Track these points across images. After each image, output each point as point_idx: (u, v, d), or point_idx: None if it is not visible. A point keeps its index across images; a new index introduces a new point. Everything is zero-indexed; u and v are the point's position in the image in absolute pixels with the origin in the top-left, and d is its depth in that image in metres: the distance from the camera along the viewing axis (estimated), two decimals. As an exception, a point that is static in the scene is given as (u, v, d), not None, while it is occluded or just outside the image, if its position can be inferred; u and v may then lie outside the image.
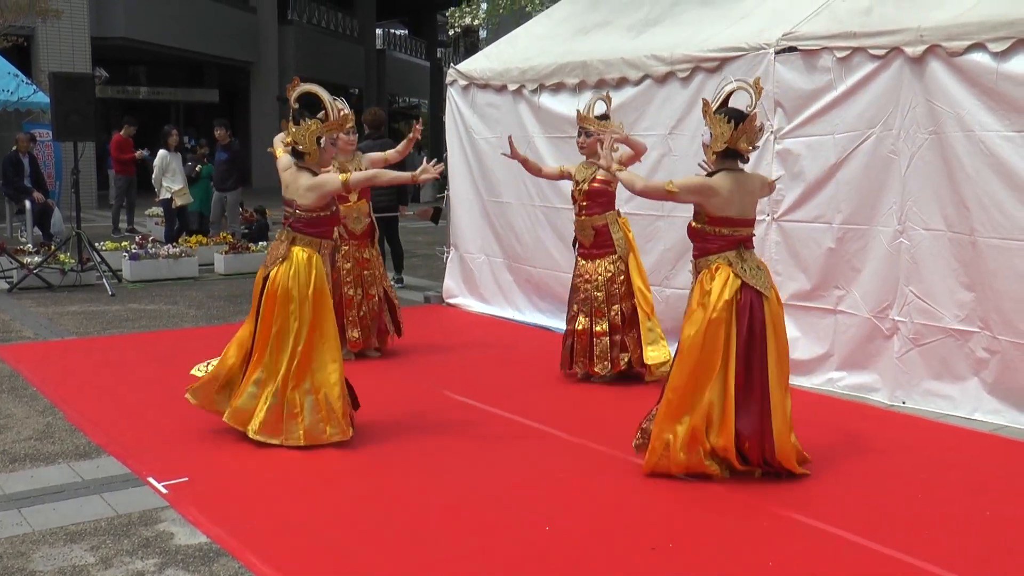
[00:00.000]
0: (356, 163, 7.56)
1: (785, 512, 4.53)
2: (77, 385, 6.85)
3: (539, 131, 8.79)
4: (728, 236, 4.92)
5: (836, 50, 6.50)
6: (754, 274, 4.89)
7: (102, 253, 11.49)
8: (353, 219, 7.57)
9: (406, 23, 47.10)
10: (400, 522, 4.44)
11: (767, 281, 4.94)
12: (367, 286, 7.63)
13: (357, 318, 7.57)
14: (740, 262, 4.90)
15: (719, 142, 4.87)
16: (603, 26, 9.00)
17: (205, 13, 27.40)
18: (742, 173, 4.99)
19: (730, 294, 4.80)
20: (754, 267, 4.93)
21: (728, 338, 4.79)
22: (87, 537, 4.28)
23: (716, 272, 4.88)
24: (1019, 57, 5.68)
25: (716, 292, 4.82)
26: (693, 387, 4.82)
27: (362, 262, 7.63)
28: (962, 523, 4.44)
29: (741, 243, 4.96)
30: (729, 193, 4.88)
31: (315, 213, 5.52)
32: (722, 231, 4.92)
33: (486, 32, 22.98)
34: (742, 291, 4.83)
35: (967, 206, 5.95)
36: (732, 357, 4.80)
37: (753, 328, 4.82)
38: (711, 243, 4.95)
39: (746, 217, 4.98)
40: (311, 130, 5.48)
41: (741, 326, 4.80)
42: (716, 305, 4.79)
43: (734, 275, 4.85)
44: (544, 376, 7.16)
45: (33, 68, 20.18)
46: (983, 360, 5.97)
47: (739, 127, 4.82)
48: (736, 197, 4.90)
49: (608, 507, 4.63)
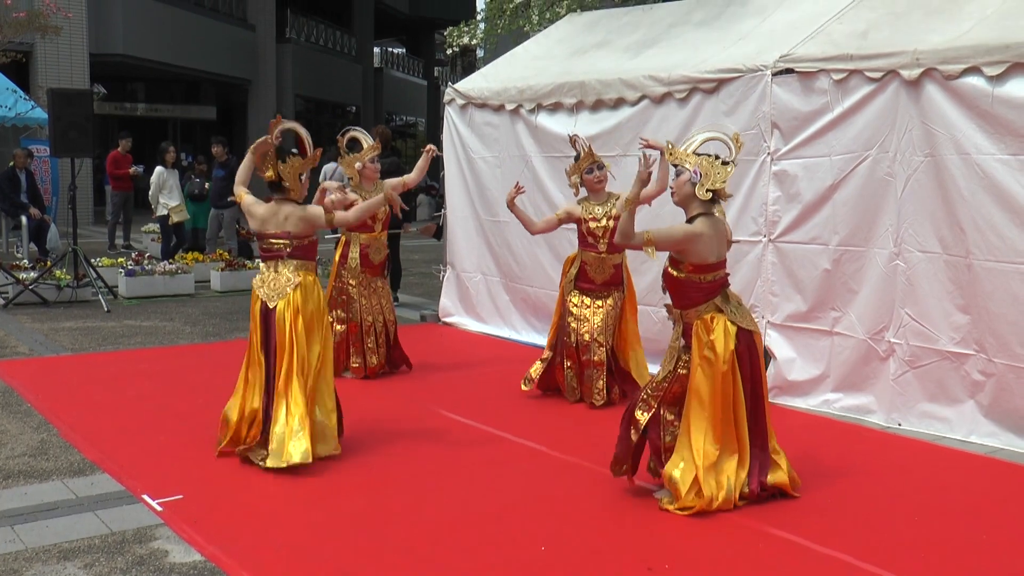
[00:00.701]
0: (378, 191, 7.56)
1: (781, 533, 4.52)
2: (72, 401, 6.83)
3: (536, 151, 8.82)
4: (711, 283, 4.89)
5: (833, 72, 6.53)
6: (741, 313, 4.92)
7: (98, 269, 11.49)
8: (375, 250, 7.66)
9: (404, 42, 47.28)
10: (395, 541, 4.42)
11: (749, 315, 5.00)
12: (386, 312, 7.73)
13: (376, 345, 7.64)
14: (727, 305, 4.89)
15: (716, 182, 4.80)
16: (601, 46, 9.05)
17: (203, 31, 27.48)
18: (714, 217, 4.92)
19: (733, 343, 4.81)
20: (737, 305, 4.95)
21: (736, 386, 4.83)
22: (81, 555, 4.26)
23: (712, 323, 4.84)
24: (1014, 81, 5.72)
25: (721, 344, 4.79)
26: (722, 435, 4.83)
27: (377, 291, 7.73)
28: (958, 546, 4.43)
29: (722, 286, 4.95)
30: (709, 238, 4.84)
31: (307, 240, 5.68)
32: (705, 278, 4.87)
33: (484, 51, 23.06)
34: (739, 336, 4.84)
35: (963, 228, 5.97)
36: (742, 404, 4.84)
37: (753, 367, 4.88)
38: (697, 292, 4.89)
39: (722, 259, 4.96)
40: (295, 167, 5.65)
41: (744, 371, 4.84)
42: (724, 358, 4.78)
43: (729, 323, 4.84)
44: (540, 395, 7.15)
45: (31, 84, 20.21)
46: (979, 383, 5.98)
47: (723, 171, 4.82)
48: (714, 241, 4.87)
49: (604, 527, 4.62)
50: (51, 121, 11.20)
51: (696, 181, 4.81)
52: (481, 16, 17.47)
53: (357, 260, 7.61)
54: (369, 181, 7.65)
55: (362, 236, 7.62)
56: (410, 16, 41.44)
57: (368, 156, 7.61)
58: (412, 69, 46.89)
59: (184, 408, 6.53)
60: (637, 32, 8.93)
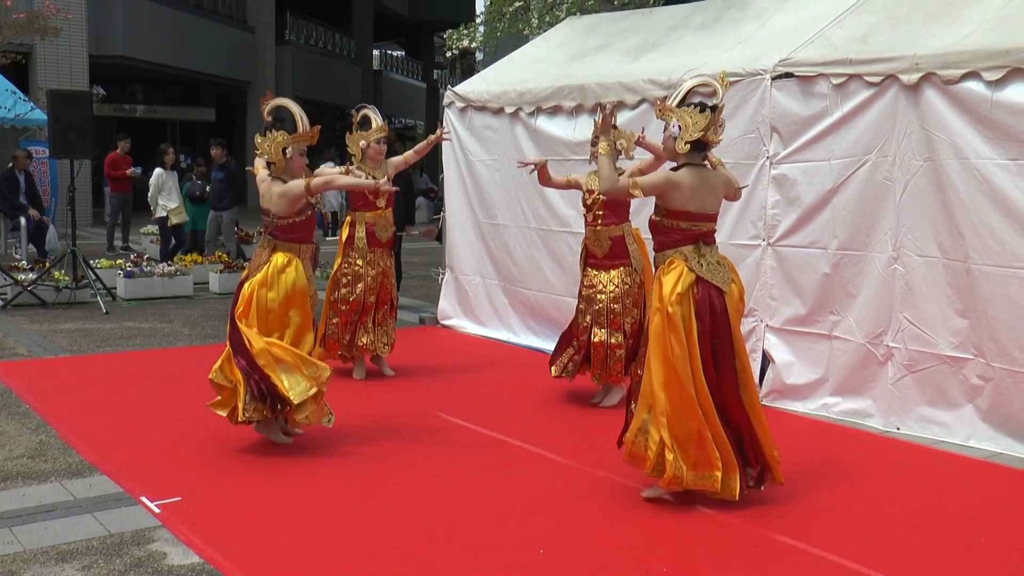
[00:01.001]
0: (383, 170, 7.64)
1: (779, 537, 4.52)
2: (70, 403, 6.83)
3: (535, 154, 8.79)
4: (686, 230, 4.89)
5: (832, 76, 6.54)
6: (713, 269, 4.85)
7: (97, 271, 11.48)
8: (381, 227, 7.65)
9: (403, 44, 47.31)
10: (394, 544, 4.42)
11: (727, 276, 4.89)
12: (384, 293, 7.71)
13: (372, 324, 7.64)
14: (697, 256, 4.86)
15: (693, 132, 4.80)
16: (600, 50, 9.05)
17: (203, 32, 27.50)
18: (705, 169, 4.96)
19: (683, 287, 4.76)
20: (714, 262, 4.89)
21: (689, 332, 4.75)
22: (79, 556, 4.26)
23: (671, 267, 4.85)
24: (1013, 86, 5.72)
25: (669, 286, 4.78)
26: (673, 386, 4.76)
27: (386, 271, 7.70)
28: (957, 550, 4.43)
29: (700, 238, 4.91)
30: (691, 188, 4.84)
31: (290, 219, 5.69)
32: (680, 224, 4.88)
33: (483, 55, 23.07)
34: (698, 285, 4.80)
35: (961, 233, 5.98)
36: (697, 358, 4.75)
37: (716, 322, 4.79)
38: (669, 237, 4.92)
39: (706, 212, 4.93)
40: (277, 141, 5.66)
41: (703, 320, 4.77)
42: (669, 299, 4.75)
43: (688, 269, 4.81)
44: (539, 398, 7.15)
45: (31, 85, 20.21)
46: (977, 387, 5.98)
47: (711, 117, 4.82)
48: (698, 192, 4.87)
49: (602, 530, 4.62)
50: (50, 122, 11.19)
51: (676, 135, 4.87)
52: (481, 19, 17.48)
53: (364, 239, 7.60)
54: (373, 161, 7.66)
55: (367, 215, 7.61)
56: (409, 19, 41.47)
57: (375, 136, 7.63)
58: (411, 72, 46.92)
59: (183, 410, 6.52)
60: (637, 36, 8.94)
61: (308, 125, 5.77)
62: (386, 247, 7.73)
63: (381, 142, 7.67)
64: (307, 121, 5.78)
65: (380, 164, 7.70)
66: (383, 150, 7.70)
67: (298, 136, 5.71)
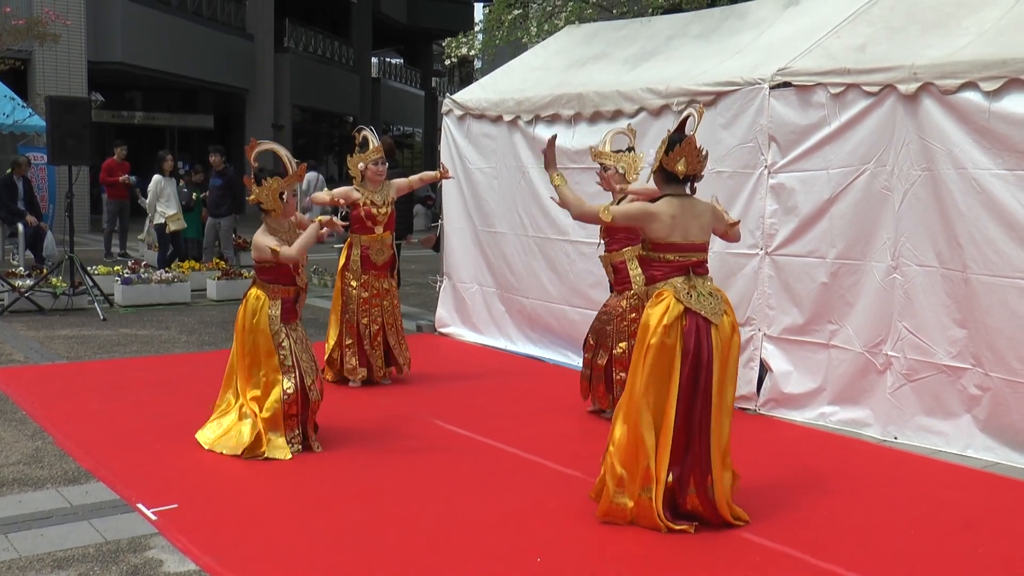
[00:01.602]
0: (385, 192, 7.67)
1: (776, 546, 4.51)
2: (67, 410, 6.81)
3: (533, 162, 8.82)
4: (674, 262, 4.83)
5: (830, 86, 6.55)
6: (703, 301, 4.76)
7: (94, 277, 11.47)
8: (376, 251, 7.67)
9: (401, 52, 47.37)
10: (391, 551, 4.41)
11: (719, 308, 4.77)
12: (385, 315, 7.71)
13: (370, 349, 7.65)
14: (687, 287, 4.79)
15: (655, 161, 4.84)
16: (599, 59, 9.07)
17: (201, 39, 27.53)
18: (688, 198, 4.89)
19: (670, 320, 4.69)
20: (705, 294, 4.80)
21: (672, 367, 4.68)
22: (75, 564, 4.24)
23: (659, 299, 4.81)
24: (1011, 96, 5.74)
25: (655, 318, 4.74)
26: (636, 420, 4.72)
27: (380, 292, 7.71)
28: (954, 559, 4.42)
29: (690, 268, 4.84)
30: (671, 218, 4.78)
31: (264, 264, 5.92)
32: (667, 256, 4.83)
33: (481, 63, 23.10)
34: (686, 317, 4.72)
35: (960, 243, 5.98)
36: (673, 392, 4.67)
37: (700, 356, 4.70)
38: (656, 270, 4.87)
39: (692, 242, 4.83)
40: (273, 188, 5.79)
41: (687, 354, 4.68)
42: (656, 330, 4.71)
43: (676, 300, 4.75)
44: (536, 406, 7.15)
45: (29, 92, 20.22)
46: (976, 397, 5.98)
47: (675, 148, 4.76)
48: (680, 222, 4.80)
49: (599, 539, 4.61)
50: (49, 129, 11.19)
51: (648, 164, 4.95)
52: (479, 27, 17.51)
53: (359, 262, 7.63)
54: (373, 183, 7.66)
55: (363, 237, 7.64)
56: (408, 26, 41.52)
57: (371, 159, 7.63)
58: (410, 79, 46.96)
59: (179, 417, 6.51)
60: (635, 44, 8.95)
61: (295, 165, 5.88)
62: (382, 270, 7.72)
63: (379, 163, 7.66)
64: (294, 162, 5.90)
65: (382, 186, 7.70)
66: (382, 171, 7.70)
67: (289, 179, 5.84)
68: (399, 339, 7.83)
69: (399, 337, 7.83)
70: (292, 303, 6.00)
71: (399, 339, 7.83)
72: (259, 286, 5.97)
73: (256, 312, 5.91)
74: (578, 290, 8.47)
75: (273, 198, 5.79)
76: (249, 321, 5.93)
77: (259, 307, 5.91)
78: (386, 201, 7.67)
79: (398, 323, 7.84)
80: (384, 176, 7.73)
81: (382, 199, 7.64)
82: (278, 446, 5.74)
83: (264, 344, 5.88)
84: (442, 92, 42.16)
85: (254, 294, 5.97)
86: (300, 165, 5.87)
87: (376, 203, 7.62)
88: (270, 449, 5.72)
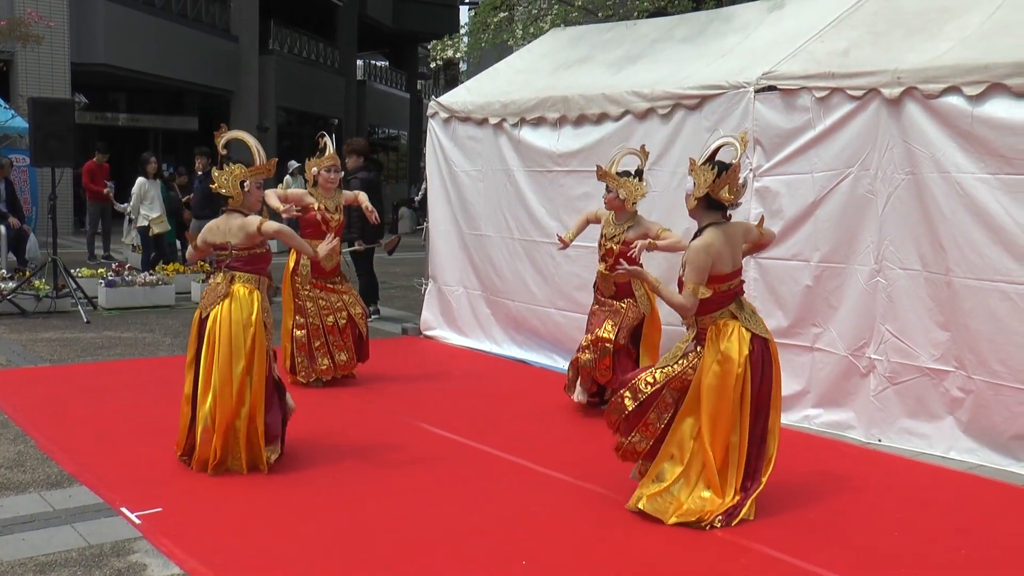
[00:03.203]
0: (336, 200, 7.77)
1: (763, 548, 4.52)
2: (50, 413, 6.77)
3: (519, 165, 8.83)
4: (725, 292, 4.92)
5: (815, 90, 6.58)
6: (755, 321, 4.95)
7: (78, 279, 11.41)
8: (326, 257, 7.61)
9: (387, 55, 47.27)
10: (376, 555, 4.40)
11: (763, 323, 5.01)
12: (349, 308, 7.72)
13: (342, 341, 7.65)
14: (741, 313, 4.93)
15: (701, 188, 4.85)
16: (584, 62, 9.08)
17: (186, 41, 27.40)
18: (727, 224, 4.97)
19: (747, 348, 4.84)
20: (751, 313, 4.99)
21: (744, 393, 4.84)
22: (57, 568, 4.22)
23: (725, 328, 4.88)
24: (993, 101, 5.77)
25: (736, 349, 4.82)
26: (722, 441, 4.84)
27: (336, 291, 7.73)
28: (937, 561, 4.45)
29: (737, 295, 4.99)
30: (721, 251, 4.86)
31: (250, 251, 5.65)
32: (720, 288, 4.89)
33: (467, 65, 23.10)
34: (753, 342, 4.87)
35: (943, 246, 6.02)
36: (747, 411, 4.86)
37: (764, 375, 4.89)
38: (711, 302, 4.90)
39: (737, 268, 4.99)
40: (235, 175, 5.63)
41: (755, 377, 4.85)
42: (739, 361, 4.80)
43: (744, 328, 4.87)
44: (521, 409, 7.15)
45: (12, 93, 20.09)
46: (958, 399, 6.02)
47: (722, 176, 4.81)
48: (727, 251, 4.89)
49: (585, 542, 4.61)
50: (32, 130, 11.13)
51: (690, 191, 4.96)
52: (465, 30, 17.51)
53: (308, 267, 7.63)
54: (325, 189, 7.73)
55: (315, 243, 7.62)
56: (394, 29, 41.44)
57: (324, 165, 7.68)
58: (395, 82, 46.86)
59: (163, 421, 6.46)
60: (620, 48, 8.97)
61: (265, 157, 5.76)
62: (330, 275, 7.73)
63: (331, 171, 7.72)
64: (264, 153, 5.78)
65: (333, 193, 7.77)
66: (334, 179, 7.75)
67: (256, 169, 5.68)
68: (361, 336, 7.82)
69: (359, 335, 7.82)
70: (271, 291, 5.87)
71: (361, 336, 7.82)
72: (246, 280, 5.61)
73: (253, 319, 5.52)
74: (564, 293, 8.48)
75: (233, 184, 5.59)
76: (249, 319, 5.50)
77: (257, 302, 5.57)
78: (338, 208, 7.74)
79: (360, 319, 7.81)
80: (336, 184, 7.77)
81: (334, 205, 7.72)
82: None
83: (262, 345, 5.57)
84: (427, 95, 42.07)
85: (244, 290, 5.58)
86: (270, 160, 5.78)
87: (329, 209, 7.69)
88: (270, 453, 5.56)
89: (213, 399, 5.46)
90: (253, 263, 5.67)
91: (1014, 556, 4.54)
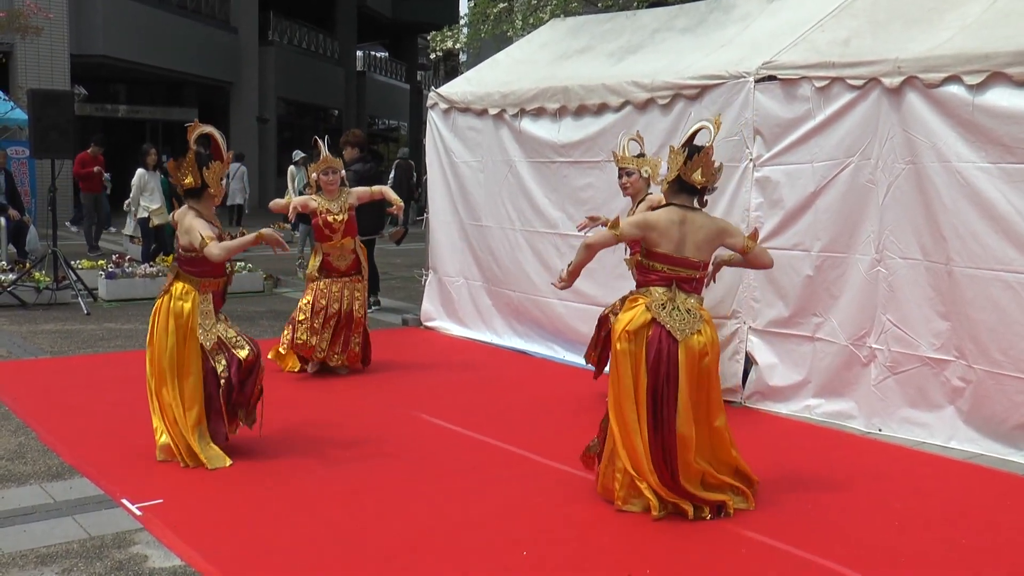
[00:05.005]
0: (343, 200, 7.77)
1: (762, 539, 4.53)
2: (50, 405, 6.78)
3: (520, 155, 8.82)
4: (661, 272, 4.82)
5: (815, 79, 6.56)
6: (675, 316, 4.73)
7: (78, 271, 11.41)
8: (337, 256, 7.77)
9: (386, 45, 47.22)
10: (375, 546, 4.41)
11: (691, 326, 4.74)
12: (353, 302, 7.74)
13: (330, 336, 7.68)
14: (665, 299, 4.77)
15: (672, 171, 4.83)
16: (584, 52, 9.06)
17: (185, 32, 27.38)
18: (693, 211, 4.85)
19: (635, 327, 4.74)
20: (683, 310, 4.76)
21: (638, 374, 4.74)
22: (59, 560, 4.22)
23: (632, 304, 4.86)
24: (994, 90, 5.76)
25: (622, 323, 4.80)
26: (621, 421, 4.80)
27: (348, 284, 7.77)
28: (937, 551, 4.45)
29: (676, 282, 4.82)
30: (667, 228, 4.76)
31: (191, 252, 5.55)
32: (655, 266, 4.83)
33: (467, 56, 23.05)
34: (652, 327, 4.74)
35: (944, 236, 6.01)
36: (642, 393, 4.73)
37: (659, 368, 4.71)
38: (646, 276, 4.88)
39: (685, 257, 4.80)
40: (217, 171, 5.64)
41: (648, 360, 4.71)
42: (620, 335, 4.77)
43: (645, 309, 4.76)
44: (522, 400, 7.15)
45: (11, 85, 20.05)
46: (959, 389, 6.02)
47: (693, 158, 4.77)
48: (675, 234, 4.77)
49: (585, 532, 4.62)
50: (31, 122, 11.11)
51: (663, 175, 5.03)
52: (464, 20, 17.45)
53: (323, 268, 7.77)
54: (327, 193, 7.79)
55: (324, 246, 7.78)
56: (393, 20, 41.42)
57: (320, 169, 7.72)
58: (395, 73, 46.83)
59: (164, 412, 6.48)
60: (620, 38, 8.94)
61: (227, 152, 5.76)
62: (345, 274, 7.78)
63: (329, 174, 7.73)
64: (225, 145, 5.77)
65: (339, 194, 7.79)
66: (333, 180, 7.75)
67: (225, 164, 5.71)
68: (357, 335, 7.82)
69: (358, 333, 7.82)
70: (222, 293, 5.75)
71: (357, 335, 7.82)
72: (185, 280, 5.56)
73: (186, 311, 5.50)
74: (565, 283, 8.46)
75: (216, 181, 5.59)
76: (176, 321, 5.49)
77: (191, 303, 5.51)
78: (343, 208, 7.74)
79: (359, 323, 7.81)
80: (336, 185, 7.78)
81: (338, 207, 7.73)
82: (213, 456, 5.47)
83: (192, 347, 5.51)
84: (427, 85, 42.06)
85: (180, 289, 5.55)
86: (228, 152, 5.77)
87: (332, 211, 7.71)
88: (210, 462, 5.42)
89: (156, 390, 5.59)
90: (193, 264, 5.57)
91: (1015, 545, 4.54)
